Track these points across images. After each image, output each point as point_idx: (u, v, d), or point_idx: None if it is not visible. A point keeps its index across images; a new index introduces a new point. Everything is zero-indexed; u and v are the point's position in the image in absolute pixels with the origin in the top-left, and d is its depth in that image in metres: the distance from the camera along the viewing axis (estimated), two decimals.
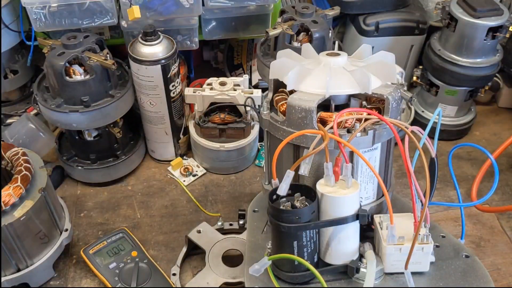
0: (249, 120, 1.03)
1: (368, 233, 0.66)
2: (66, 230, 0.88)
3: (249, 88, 1.06)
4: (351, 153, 0.62)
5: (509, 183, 1.05)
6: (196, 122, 1.03)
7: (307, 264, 0.58)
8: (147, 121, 1.04)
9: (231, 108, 1.03)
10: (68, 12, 0.96)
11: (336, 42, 1.07)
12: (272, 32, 0.96)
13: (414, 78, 1.15)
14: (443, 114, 1.12)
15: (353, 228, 0.62)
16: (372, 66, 0.65)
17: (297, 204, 0.60)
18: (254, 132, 1.06)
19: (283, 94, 0.67)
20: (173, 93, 1.00)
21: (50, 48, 0.92)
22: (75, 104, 0.93)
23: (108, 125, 0.99)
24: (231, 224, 0.93)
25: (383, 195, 0.68)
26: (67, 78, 0.90)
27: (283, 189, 0.59)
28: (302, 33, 0.97)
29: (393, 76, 0.64)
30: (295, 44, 0.96)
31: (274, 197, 0.60)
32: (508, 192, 1.04)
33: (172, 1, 0.97)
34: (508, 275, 0.89)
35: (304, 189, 0.61)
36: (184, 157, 1.11)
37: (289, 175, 0.58)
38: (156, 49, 0.94)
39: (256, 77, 1.20)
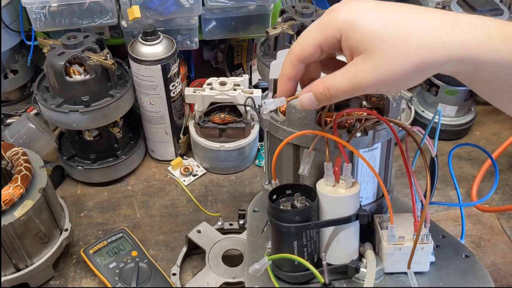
0: (249, 120, 1.03)
1: (368, 233, 0.66)
2: (66, 230, 0.88)
3: (249, 88, 1.06)
4: (351, 153, 0.62)
5: (509, 183, 1.05)
6: (196, 122, 1.03)
7: (307, 264, 0.58)
8: (147, 121, 1.04)
9: (231, 108, 1.03)
10: (68, 12, 0.96)
11: None
12: (272, 32, 0.96)
13: None
14: (443, 114, 1.12)
15: (353, 228, 0.62)
16: None
17: (297, 204, 0.60)
18: (254, 132, 1.06)
19: None
20: (173, 93, 1.00)
21: (50, 48, 0.92)
22: (75, 104, 0.93)
23: (108, 125, 0.99)
24: (231, 224, 0.93)
25: (383, 195, 0.68)
26: (67, 78, 0.90)
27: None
28: None
29: None
30: None
31: (274, 197, 0.60)
32: (508, 192, 1.04)
33: (172, 1, 0.97)
34: (508, 275, 0.89)
35: (304, 189, 0.61)
36: (184, 157, 1.11)
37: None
38: (156, 49, 0.94)
39: (256, 77, 1.20)
